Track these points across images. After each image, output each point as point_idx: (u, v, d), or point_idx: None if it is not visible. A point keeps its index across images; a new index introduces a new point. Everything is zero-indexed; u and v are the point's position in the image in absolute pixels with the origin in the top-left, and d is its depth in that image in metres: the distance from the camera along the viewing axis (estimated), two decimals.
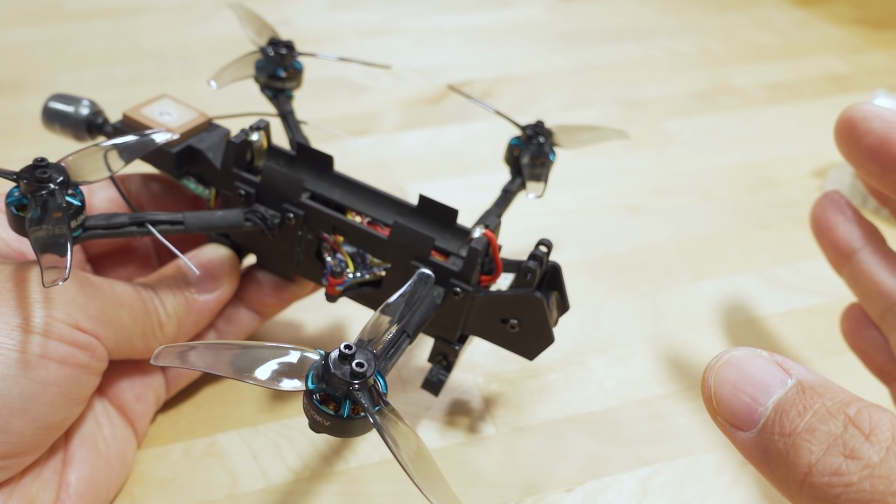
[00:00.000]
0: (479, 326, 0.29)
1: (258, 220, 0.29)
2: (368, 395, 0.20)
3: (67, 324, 0.25)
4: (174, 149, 0.30)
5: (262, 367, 0.20)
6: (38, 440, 0.25)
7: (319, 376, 0.20)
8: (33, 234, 0.24)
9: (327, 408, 0.20)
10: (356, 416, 0.20)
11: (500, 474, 0.31)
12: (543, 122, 0.34)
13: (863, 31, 0.69)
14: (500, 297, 0.28)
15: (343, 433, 0.21)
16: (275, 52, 0.33)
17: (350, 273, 0.30)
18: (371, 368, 0.20)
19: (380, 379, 0.21)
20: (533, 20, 0.68)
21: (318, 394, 0.20)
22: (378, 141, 0.51)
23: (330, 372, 0.20)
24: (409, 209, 0.30)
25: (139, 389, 0.30)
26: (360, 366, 0.20)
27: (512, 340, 0.29)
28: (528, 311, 0.28)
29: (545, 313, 0.28)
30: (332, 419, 0.20)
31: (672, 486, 0.31)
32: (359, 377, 0.20)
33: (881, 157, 0.24)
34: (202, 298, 0.30)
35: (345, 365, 0.20)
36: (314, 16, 0.65)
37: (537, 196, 0.32)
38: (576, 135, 0.35)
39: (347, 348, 0.20)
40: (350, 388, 0.20)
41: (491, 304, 0.28)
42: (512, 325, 0.29)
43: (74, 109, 0.32)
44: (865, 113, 0.24)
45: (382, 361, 0.22)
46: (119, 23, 0.61)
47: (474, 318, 0.29)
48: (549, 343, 0.29)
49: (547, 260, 0.29)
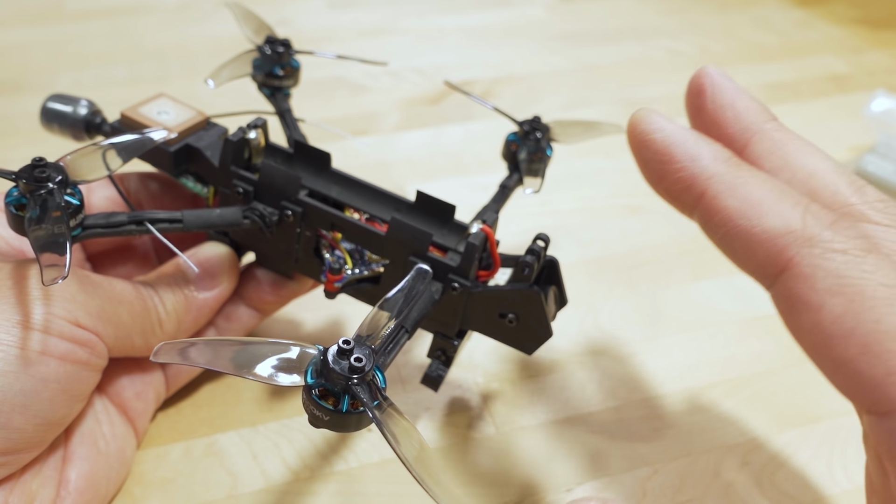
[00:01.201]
0: (477, 321, 0.29)
1: (256, 218, 0.30)
2: (367, 390, 0.20)
3: (67, 320, 0.25)
4: (172, 147, 0.30)
5: (261, 363, 0.20)
6: (39, 437, 0.25)
7: (318, 371, 0.21)
8: (32, 234, 0.24)
9: (326, 403, 0.20)
10: (355, 410, 0.20)
11: (500, 474, 0.31)
12: (540, 117, 0.34)
13: (863, 31, 0.69)
14: (497, 292, 0.28)
15: (342, 428, 0.21)
16: (272, 51, 0.33)
17: (348, 269, 0.30)
18: (369, 363, 0.20)
19: (378, 374, 0.21)
20: (533, 20, 0.68)
21: (317, 389, 0.21)
22: (378, 141, 0.51)
23: (329, 367, 0.20)
24: (406, 205, 0.30)
25: (139, 387, 0.30)
26: (358, 360, 0.20)
27: (510, 335, 0.29)
28: (525, 305, 0.28)
29: (543, 307, 0.28)
30: (331, 414, 0.20)
31: (672, 486, 0.31)
32: (357, 372, 0.20)
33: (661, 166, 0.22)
34: (201, 296, 0.30)
35: (343, 360, 0.20)
36: (314, 16, 0.65)
37: (535, 191, 0.32)
38: (572, 129, 0.35)
39: (346, 343, 0.20)
40: (349, 383, 0.20)
41: (489, 298, 0.28)
42: (510, 320, 0.29)
43: (72, 109, 0.32)
44: (651, 124, 0.22)
45: (381, 356, 0.23)
46: (119, 23, 0.61)
47: (472, 313, 0.29)
48: (548, 337, 0.29)
49: (544, 254, 0.29)
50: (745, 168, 0.21)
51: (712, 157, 0.21)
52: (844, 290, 0.18)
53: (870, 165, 0.47)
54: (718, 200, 0.20)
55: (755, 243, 0.20)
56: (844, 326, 0.18)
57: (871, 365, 0.18)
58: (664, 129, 0.22)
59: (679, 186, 0.21)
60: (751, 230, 0.20)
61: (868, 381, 0.18)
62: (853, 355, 0.18)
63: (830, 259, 0.18)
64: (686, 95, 0.25)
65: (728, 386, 0.36)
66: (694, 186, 0.21)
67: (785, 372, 0.37)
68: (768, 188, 0.20)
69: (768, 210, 0.20)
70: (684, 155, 0.21)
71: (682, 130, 0.22)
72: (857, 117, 0.55)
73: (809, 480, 0.32)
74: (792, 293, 0.19)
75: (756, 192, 0.20)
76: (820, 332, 0.19)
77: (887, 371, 0.17)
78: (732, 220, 0.20)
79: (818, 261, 0.18)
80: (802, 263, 0.19)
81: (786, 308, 0.19)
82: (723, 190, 0.20)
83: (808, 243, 0.19)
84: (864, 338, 0.18)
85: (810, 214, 0.19)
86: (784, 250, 0.19)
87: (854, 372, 0.18)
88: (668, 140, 0.21)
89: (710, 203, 0.20)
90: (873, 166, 0.47)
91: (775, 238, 0.19)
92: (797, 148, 0.23)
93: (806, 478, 0.32)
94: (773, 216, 0.19)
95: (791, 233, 0.19)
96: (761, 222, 0.19)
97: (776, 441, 0.33)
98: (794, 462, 0.33)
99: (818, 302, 0.18)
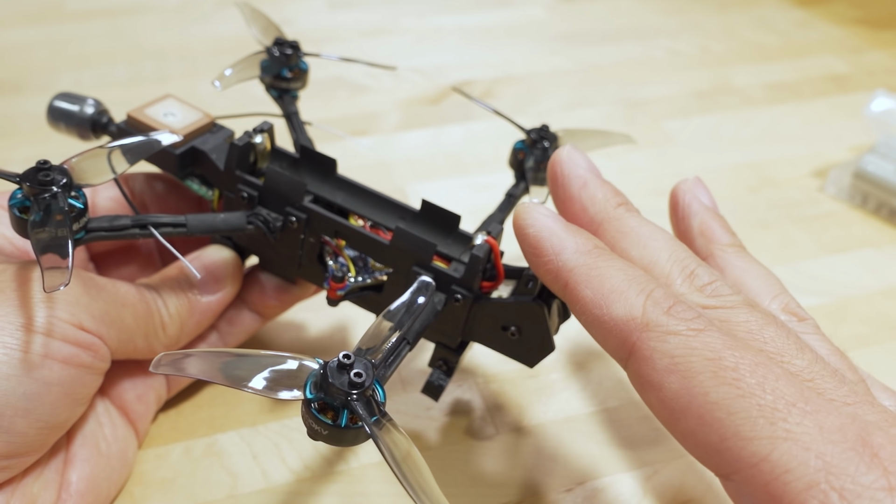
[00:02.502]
0: (479, 333, 0.29)
1: (260, 224, 0.29)
2: (366, 406, 0.20)
3: (71, 324, 0.25)
4: (178, 150, 0.30)
5: (260, 375, 0.20)
6: (41, 440, 0.25)
7: (318, 385, 0.20)
8: (35, 237, 0.24)
9: (325, 417, 0.20)
10: (354, 425, 0.20)
11: (500, 474, 0.32)
12: (548, 126, 0.34)
13: (863, 31, 0.69)
14: (500, 305, 0.28)
15: (341, 442, 0.21)
16: (280, 53, 0.33)
17: (352, 277, 0.30)
18: (369, 379, 0.20)
19: (378, 388, 0.21)
20: (533, 20, 0.68)
21: (316, 403, 0.20)
22: (378, 141, 0.51)
23: (328, 381, 0.20)
24: (411, 214, 0.30)
25: (140, 389, 0.30)
26: (358, 376, 0.20)
27: (512, 347, 0.29)
28: (528, 319, 0.28)
29: (546, 322, 0.28)
30: (329, 428, 0.20)
31: (672, 486, 0.31)
32: (357, 387, 0.20)
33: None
34: (205, 300, 0.30)
35: (343, 375, 0.20)
36: (314, 16, 0.65)
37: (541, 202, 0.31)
38: (581, 139, 0.34)
39: (346, 358, 0.20)
40: (348, 399, 0.20)
41: (492, 311, 0.28)
42: (512, 333, 0.28)
43: (79, 108, 0.32)
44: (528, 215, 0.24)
45: (382, 369, 0.22)
46: (119, 23, 0.61)
47: (475, 325, 0.29)
48: (550, 351, 0.29)
49: None
50: (603, 258, 0.23)
51: (574, 251, 0.23)
52: (678, 368, 0.19)
53: (870, 165, 0.47)
54: (577, 291, 0.22)
55: (606, 330, 0.21)
56: (682, 402, 0.19)
57: (707, 434, 0.19)
58: (535, 223, 0.24)
59: (549, 278, 0.23)
60: (601, 318, 0.21)
61: (708, 449, 0.19)
62: (693, 427, 0.19)
63: (665, 341, 0.20)
64: (548, 180, 0.27)
65: None
66: (559, 278, 0.23)
67: None
68: (619, 278, 0.22)
69: (616, 299, 0.21)
70: (550, 249, 0.23)
71: (553, 224, 0.24)
72: (857, 117, 0.55)
73: None
74: (638, 374, 0.21)
75: (608, 282, 0.22)
76: (664, 408, 0.20)
77: (720, 438, 0.19)
78: (588, 309, 0.22)
79: (655, 343, 0.20)
80: (643, 347, 0.20)
81: (637, 387, 0.21)
82: (581, 281, 0.22)
83: (646, 328, 0.20)
84: (697, 410, 0.19)
85: (651, 301, 0.21)
86: (629, 336, 0.21)
87: (697, 442, 0.19)
88: (538, 235, 0.23)
89: (571, 293, 0.22)
90: (873, 166, 0.47)
91: (621, 325, 0.21)
92: (636, 239, 0.24)
93: None
94: (619, 305, 0.21)
95: (633, 320, 0.21)
96: (610, 311, 0.21)
97: None
98: None
99: (658, 381, 0.20)
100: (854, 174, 0.47)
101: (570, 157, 0.26)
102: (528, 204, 0.24)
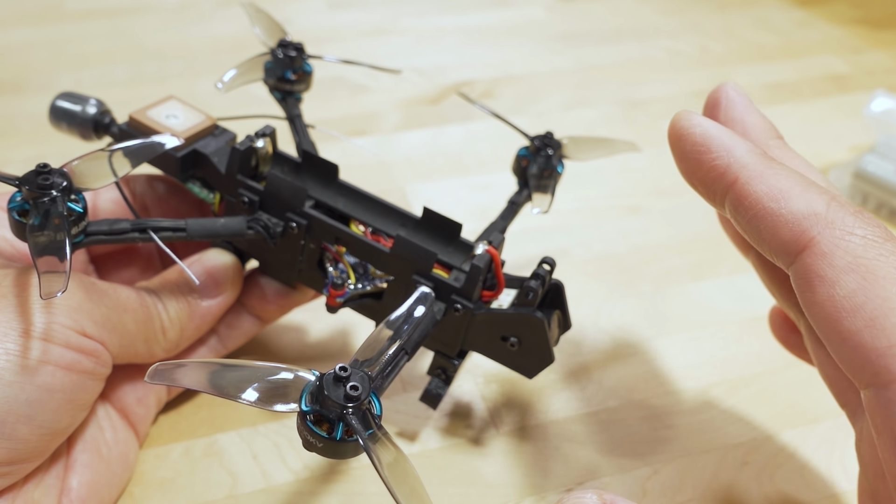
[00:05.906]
0: (478, 343, 0.29)
1: (261, 229, 0.29)
2: (362, 419, 0.20)
3: (74, 330, 0.25)
4: (179, 152, 0.30)
5: (255, 386, 0.20)
6: (43, 446, 0.25)
7: (314, 397, 0.20)
8: (33, 241, 0.23)
9: (321, 429, 0.20)
10: (349, 438, 0.20)
11: (500, 474, 0.32)
12: (553, 133, 0.33)
13: (863, 31, 0.69)
14: (500, 315, 0.28)
15: (336, 455, 0.20)
16: (284, 55, 0.33)
17: (351, 284, 0.30)
18: (366, 392, 0.20)
19: (375, 401, 0.21)
20: (533, 20, 0.68)
21: (311, 415, 0.20)
22: (378, 141, 0.51)
23: (324, 394, 0.20)
24: (413, 221, 0.30)
25: (141, 393, 0.30)
26: (354, 389, 0.20)
27: (511, 358, 0.29)
28: (528, 330, 0.28)
29: (546, 333, 0.28)
30: (325, 441, 0.20)
31: (672, 486, 0.31)
32: (353, 400, 0.20)
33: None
34: (205, 304, 0.30)
35: (339, 387, 0.20)
36: (314, 16, 0.65)
37: (543, 211, 0.31)
38: (586, 147, 0.34)
39: (343, 370, 0.20)
40: (343, 412, 0.20)
41: (491, 321, 0.28)
42: (512, 344, 0.28)
43: (82, 108, 0.32)
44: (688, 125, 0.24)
45: (379, 380, 0.22)
46: (119, 23, 0.61)
47: (474, 335, 0.29)
48: (549, 363, 0.29)
49: (549, 278, 0.28)
50: (775, 161, 0.23)
51: (745, 150, 0.23)
52: (859, 269, 0.20)
53: (870, 165, 0.47)
54: (750, 186, 0.22)
55: (781, 224, 0.21)
56: (855, 301, 0.20)
57: (875, 337, 0.19)
58: (703, 124, 0.24)
59: (714, 174, 0.23)
60: (777, 212, 0.22)
61: (871, 352, 0.19)
62: (859, 328, 0.19)
63: (849, 241, 0.20)
64: (704, 107, 0.28)
65: (728, 386, 0.36)
66: (728, 174, 0.23)
67: (785, 372, 0.37)
68: (796, 180, 0.22)
69: (796, 195, 0.22)
70: (720, 147, 0.23)
71: (719, 127, 0.24)
72: (857, 117, 0.55)
73: (809, 480, 0.32)
74: (810, 269, 0.21)
75: (784, 181, 0.22)
76: (832, 306, 0.20)
77: (889, 343, 0.19)
78: (761, 203, 0.22)
79: (838, 241, 0.20)
80: (823, 242, 0.21)
81: (802, 283, 0.21)
82: (754, 177, 0.22)
83: (830, 225, 0.21)
84: (871, 312, 0.19)
85: (835, 203, 0.21)
86: (807, 230, 0.21)
87: (858, 343, 0.20)
88: (706, 134, 0.24)
89: (742, 188, 0.22)
90: (873, 166, 0.47)
91: (800, 220, 0.21)
92: (797, 166, 0.25)
93: (806, 478, 0.32)
94: (800, 201, 0.21)
95: (815, 215, 0.21)
96: (788, 205, 0.21)
97: (776, 441, 0.34)
98: (794, 462, 0.33)
99: (833, 277, 0.20)
100: (854, 174, 0.47)
101: (735, 89, 0.27)
102: (688, 111, 0.25)
